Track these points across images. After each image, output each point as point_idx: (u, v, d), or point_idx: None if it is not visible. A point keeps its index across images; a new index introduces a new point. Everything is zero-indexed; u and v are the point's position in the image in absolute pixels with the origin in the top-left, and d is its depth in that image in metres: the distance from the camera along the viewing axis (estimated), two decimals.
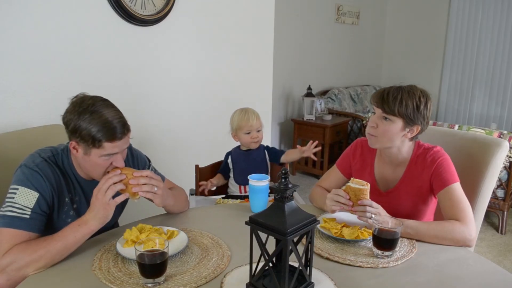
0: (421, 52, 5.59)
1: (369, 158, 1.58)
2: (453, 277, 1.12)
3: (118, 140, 1.20)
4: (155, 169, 1.55)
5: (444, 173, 1.41)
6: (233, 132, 1.94)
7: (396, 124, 1.41)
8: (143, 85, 2.30)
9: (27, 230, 1.14)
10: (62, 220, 1.30)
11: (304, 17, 4.50)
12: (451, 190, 1.38)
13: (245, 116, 1.89)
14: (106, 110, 1.20)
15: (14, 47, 1.76)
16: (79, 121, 1.17)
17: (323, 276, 1.09)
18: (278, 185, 0.96)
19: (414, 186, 1.47)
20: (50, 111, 1.89)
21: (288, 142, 4.68)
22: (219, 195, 2.07)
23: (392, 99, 1.39)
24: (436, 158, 1.43)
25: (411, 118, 1.39)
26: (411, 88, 1.42)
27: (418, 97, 1.40)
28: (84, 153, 1.21)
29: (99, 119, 1.17)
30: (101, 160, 1.21)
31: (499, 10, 4.87)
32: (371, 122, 1.45)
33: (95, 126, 1.16)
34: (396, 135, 1.42)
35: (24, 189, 1.17)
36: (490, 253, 2.89)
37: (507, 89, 4.97)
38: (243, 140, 1.91)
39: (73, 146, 1.22)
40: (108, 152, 1.20)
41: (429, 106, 1.43)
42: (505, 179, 3.08)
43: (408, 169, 1.48)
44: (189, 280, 1.07)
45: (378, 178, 1.56)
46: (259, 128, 1.90)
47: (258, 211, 1.06)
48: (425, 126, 1.44)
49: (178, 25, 2.41)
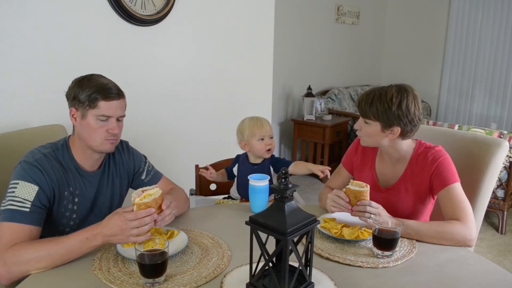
0: (421, 52, 5.59)
1: (371, 154, 1.59)
2: (453, 277, 1.12)
3: (112, 99, 1.28)
4: (152, 166, 1.56)
5: (445, 172, 1.40)
6: (243, 142, 1.81)
7: (374, 127, 1.42)
8: (143, 85, 2.30)
9: (27, 224, 1.16)
10: (61, 214, 1.32)
11: (304, 17, 4.50)
12: (452, 190, 1.38)
13: (258, 122, 1.80)
14: (102, 78, 1.32)
15: (14, 47, 1.76)
16: (78, 88, 1.28)
17: (323, 276, 1.09)
18: (278, 185, 0.96)
19: (413, 184, 1.47)
20: (50, 111, 1.89)
21: (288, 142, 4.68)
22: (219, 195, 2.07)
23: (364, 103, 1.41)
24: (437, 158, 1.42)
25: (385, 120, 1.38)
26: (385, 89, 1.40)
27: (389, 98, 1.37)
28: (81, 117, 1.29)
29: (95, 83, 1.28)
30: (97, 123, 1.28)
31: (499, 10, 4.87)
32: (356, 125, 1.49)
33: (91, 88, 1.27)
34: (378, 137, 1.43)
35: (24, 183, 1.19)
36: (490, 253, 2.89)
37: (507, 89, 4.97)
38: (257, 148, 1.78)
39: (72, 114, 1.30)
40: (103, 113, 1.27)
41: (406, 106, 1.36)
42: (505, 179, 3.08)
43: (409, 167, 1.48)
44: (189, 280, 1.07)
45: (379, 174, 1.56)
46: (272, 134, 1.81)
47: (258, 211, 1.07)
48: (408, 126, 1.39)
49: (178, 25, 2.41)
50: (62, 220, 1.33)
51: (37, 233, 1.20)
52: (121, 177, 1.47)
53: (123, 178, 1.48)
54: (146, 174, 1.53)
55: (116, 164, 1.45)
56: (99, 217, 1.43)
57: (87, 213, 1.41)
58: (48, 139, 1.41)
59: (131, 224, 1.11)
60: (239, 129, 1.85)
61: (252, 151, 1.81)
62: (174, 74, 2.47)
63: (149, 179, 1.53)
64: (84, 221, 1.40)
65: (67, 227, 1.36)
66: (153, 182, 1.53)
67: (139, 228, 1.12)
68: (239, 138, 1.84)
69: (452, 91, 5.39)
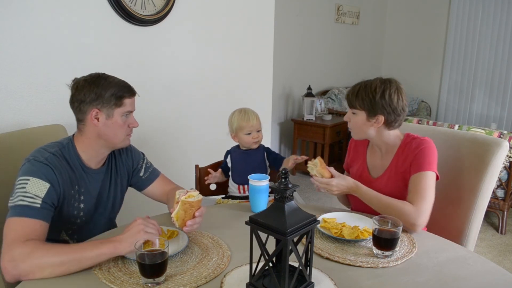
0: (421, 52, 5.59)
1: (362, 149, 1.68)
2: (453, 277, 1.12)
3: (134, 95, 1.35)
4: (150, 163, 1.57)
5: (422, 159, 1.45)
6: (232, 133, 1.92)
7: (361, 116, 1.51)
8: (142, 85, 2.29)
9: (38, 219, 1.15)
10: (69, 212, 1.32)
11: (304, 17, 4.50)
12: (422, 177, 1.42)
13: (245, 116, 1.87)
14: (112, 76, 1.33)
15: (14, 47, 1.76)
16: (98, 88, 1.28)
17: (323, 276, 1.10)
18: (278, 185, 0.97)
19: (398, 172, 1.52)
20: (50, 111, 1.89)
21: (288, 142, 4.68)
22: (219, 195, 2.07)
23: (351, 94, 1.52)
24: (420, 145, 1.47)
25: (370, 109, 1.47)
26: (370, 81, 1.51)
27: (373, 88, 1.47)
28: (107, 117, 1.30)
29: (113, 81, 1.31)
30: (122, 120, 1.33)
31: (499, 10, 4.87)
32: (346, 116, 1.59)
33: (114, 87, 1.29)
34: (364, 126, 1.52)
35: (35, 179, 1.19)
36: (490, 253, 2.89)
37: (507, 89, 4.97)
38: (244, 141, 1.89)
39: (94, 116, 1.29)
40: (128, 109, 1.33)
41: (389, 95, 1.46)
42: (505, 179, 3.08)
43: (395, 157, 1.54)
44: (189, 280, 1.07)
45: (370, 166, 1.63)
46: (259, 128, 1.89)
47: (258, 211, 1.07)
48: (391, 115, 1.48)
49: (178, 25, 2.41)
50: (69, 218, 1.34)
51: (46, 229, 1.19)
52: (121, 174, 1.48)
53: (123, 175, 1.49)
54: (144, 171, 1.54)
55: (117, 161, 1.47)
56: (103, 216, 1.46)
57: (93, 211, 1.41)
58: (48, 139, 1.41)
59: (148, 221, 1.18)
60: (229, 121, 1.93)
61: (240, 143, 1.92)
62: (174, 74, 2.47)
63: (147, 176, 1.54)
64: (90, 220, 1.41)
65: (74, 224, 1.37)
66: (151, 179, 1.55)
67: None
68: (229, 130, 1.93)
69: (452, 91, 5.39)
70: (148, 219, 1.21)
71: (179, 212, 1.25)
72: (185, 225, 1.27)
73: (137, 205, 1.88)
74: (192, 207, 1.26)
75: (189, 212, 1.26)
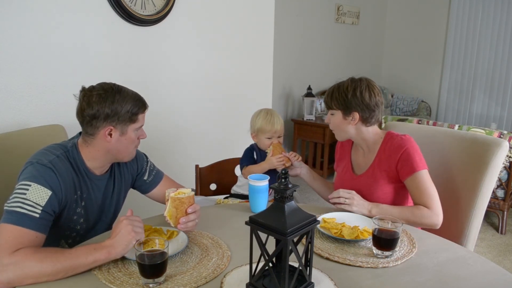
0: (421, 52, 5.59)
1: (347, 148, 1.74)
2: (453, 277, 1.12)
3: (146, 109, 1.32)
4: (153, 165, 1.55)
5: (410, 160, 1.48)
6: (253, 133, 1.84)
7: (338, 116, 1.57)
8: (142, 85, 2.29)
9: (35, 230, 1.10)
10: (69, 217, 1.29)
11: (304, 17, 4.50)
12: (418, 177, 1.46)
13: (271, 120, 1.79)
14: (124, 87, 1.28)
15: (14, 47, 1.76)
16: (113, 105, 1.22)
17: (323, 276, 1.09)
18: (278, 185, 0.96)
19: (381, 169, 1.55)
20: (50, 111, 1.89)
21: (288, 142, 4.68)
22: (219, 195, 2.07)
23: (327, 96, 1.60)
24: (402, 145, 1.51)
25: (345, 107, 1.54)
26: (343, 81, 1.58)
27: (345, 88, 1.54)
28: (121, 134, 1.27)
29: (127, 96, 1.26)
30: (135, 134, 1.30)
31: (499, 10, 4.87)
32: (326, 119, 1.65)
33: (128, 102, 1.25)
34: (342, 125, 1.58)
35: (37, 186, 1.13)
36: (490, 253, 2.89)
37: (507, 89, 4.97)
38: (263, 143, 1.82)
39: (108, 133, 1.25)
40: (141, 123, 1.31)
41: (360, 93, 1.51)
42: (505, 179, 3.08)
43: (378, 154, 1.58)
44: (189, 280, 1.07)
45: (354, 164, 1.69)
46: (281, 134, 1.83)
47: (258, 211, 1.06)
48: (365, 111, 1.52)
49: (178, 25, 2.41)
50: (69, 224, 1.30)
51: (42, 241, 1.14)
52: (125, 179, 1.45)
53: (127, 180, 1.46)
54: (148, 174, 1.51)
55: (120, 167, 1.43)
56: (105, 223, 1.43)
57: (95, 219, 1.38)
58: (48, 139, 1.41)
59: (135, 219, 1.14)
60: (252, 120, 1.86)
61: (259, 144, 1.86)
62: (174, 74, 2.47)
63: (151, 179, 1.51)
64: (92, 228, 1.38)
65: (74, 231, 1.33)
66: (156, 182, 1.52)
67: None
68: (250, 128, 1.87)
69: (452, 91, 5.39)
70: (132, 216, 1.16)
71: (170, 209, 1.24)
72: (179, 223, 1.25)
73: (137, 205, 1.87)
74: (183, 204, 1.25)
75: (180, 209, 1.25)
